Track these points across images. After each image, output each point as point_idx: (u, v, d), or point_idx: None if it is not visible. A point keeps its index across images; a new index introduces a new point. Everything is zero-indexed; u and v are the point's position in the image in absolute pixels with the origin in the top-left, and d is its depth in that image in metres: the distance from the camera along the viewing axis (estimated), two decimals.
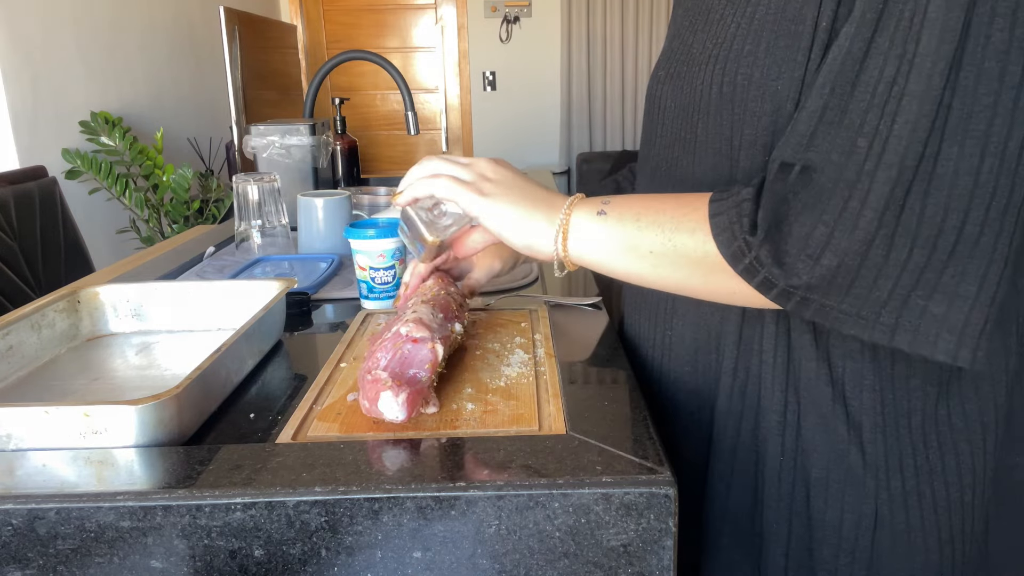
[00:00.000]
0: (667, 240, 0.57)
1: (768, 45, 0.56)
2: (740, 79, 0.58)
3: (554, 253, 0.62)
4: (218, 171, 3.13)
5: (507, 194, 0.63)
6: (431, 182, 0.64)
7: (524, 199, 0.63)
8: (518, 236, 0.62)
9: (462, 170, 0.65)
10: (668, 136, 0.68)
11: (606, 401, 0.62)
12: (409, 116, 1.72)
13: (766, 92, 0.56)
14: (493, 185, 0.64)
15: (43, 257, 1.73)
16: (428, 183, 0.65)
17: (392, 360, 0.60)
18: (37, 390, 0.70)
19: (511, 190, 0.64)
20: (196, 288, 0.84)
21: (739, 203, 0.54)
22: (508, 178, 0.65)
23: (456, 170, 0.65)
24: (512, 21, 4.42)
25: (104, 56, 2.62)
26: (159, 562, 0.50)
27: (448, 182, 0.64)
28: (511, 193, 0.63)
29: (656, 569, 0.50)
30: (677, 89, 0.66)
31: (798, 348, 0.60)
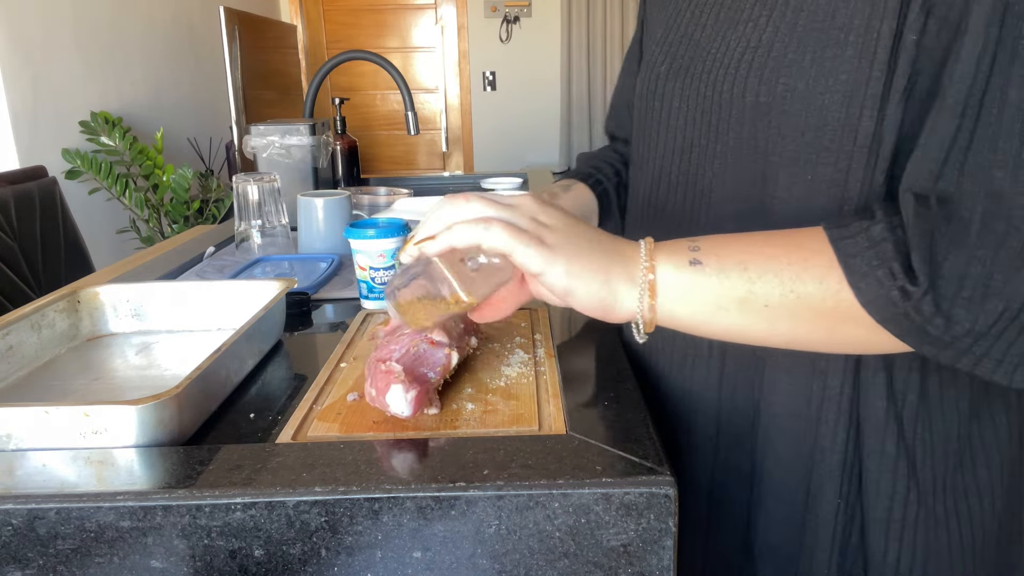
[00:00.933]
0: (788, 291, 0.49)
1: (814, 55, 0.52)
2: (781, 89, 0.54)
3: (637, 315, 0.52)
4: (218, 171, 3.13)
5: (572, 245, 0.51)
6: (479, 229, 0.51)
7: (593, 251, 0.51)
8: (590, 298, 0.51)
9: (513, 214, 0.52)
10: (679, 140, 0.64)
11: (606, 401, 0.62)
12: (409, 116, 1.72)
13: (811, 105, 0.52)
14: (554, 234, 0.51)
15: (43, 257, 1.73)
16: (475, 230, 0.51)
17: (406, 355, 0.60)
18: (37, 390, 0.69)
19: (575, 239, 0.51)
20: (196, 288, 0.84)
21: (875, 243, 0.47)
22: (567, 224, 0.52)
23: (508, 214, 0.52)
24: (512, 21, 4.42)
25: (104, 56, 2.62)
26: (159, 562, 0.50)
27: (502, 231, 0.50)
28: (576, 243, 0.51)
29: (656, 569, 0.50)
30: (689, 89, 0.62)
31: (869, 386, 0.56)
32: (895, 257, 0.46)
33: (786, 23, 0.54)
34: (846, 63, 0.51)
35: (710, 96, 0.59)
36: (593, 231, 0.53)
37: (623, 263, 0.52)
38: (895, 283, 0.46)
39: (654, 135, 0.67)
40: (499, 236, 0.50)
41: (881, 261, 0.46)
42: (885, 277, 0.46)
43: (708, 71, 0.60)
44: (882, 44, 0.49)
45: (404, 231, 0.90)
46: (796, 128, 0.53)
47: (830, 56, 0.51)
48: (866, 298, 0.47)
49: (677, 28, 0.65)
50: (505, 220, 0.51)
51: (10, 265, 1.61)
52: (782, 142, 0.54)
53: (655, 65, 0.67)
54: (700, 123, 0.61)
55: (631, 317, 0.52)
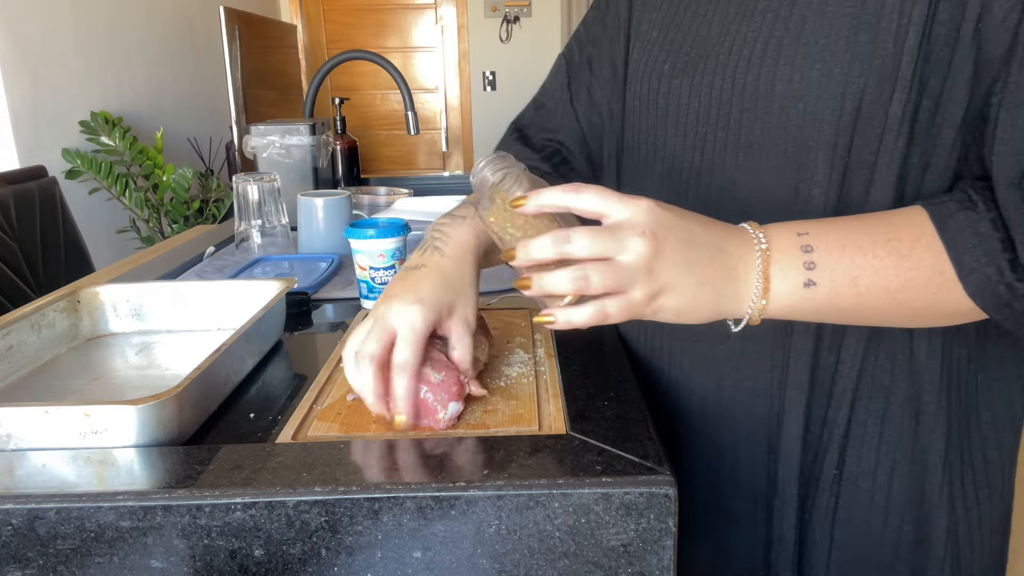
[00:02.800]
0: (893, 299, 0.51)
1: (848, 39, 0.53)
2: (816, 75, 0.54)
3: (743, 323, 0.52)
4: (218, 171, 3.13)
5: (682, 280, 0.48)
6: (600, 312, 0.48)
7: (704, 281, 0.49)
8: (699, 320, 0.51)
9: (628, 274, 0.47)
10: (690, 136, 0.64)
11: (606, 401, 0.62)
12: (409, 116, 1.72)
13: (847, 90, 0.53)
14: (664, 277, 0.48)
15: (43, 257, 1.73)
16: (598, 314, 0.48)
17: None
18: (37, 390, 0.69)
19: (687, 268, 0.48)
20: (196, 288, 0.84)
21: (983, 239, 0.49)
22: (681, 246, 0.48)
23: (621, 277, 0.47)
24: (512, 21, 4.42)
25: (104, 56, 2.62)
26: (159, 562, 0.50)
27: (621, 306, 0.48)
28: (687, 273, 0.48)
29: (656, 569, 0.50)
30: (699, 84, 0.62)
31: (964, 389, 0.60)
32: (1002, 255, 0.49)
33: (813, 10, 0.55)
34: (879, 46, 0.52)
35: (728, 89, 0.60)
36: (704, 238, 0.50)
37: (734, 285, 0.50)
38: (1003, 279, 0.49)
39: (660, 133, 0.67)
40: (621, 313, 0.49)
41: (989, 258, 0.49)
42: (993, 274, 0.49)
43: (723, 65, 0.60)
44: (913, 29, 0.51)
45: (404, 231, 0.90)
46: (833, 112, 0.54)
47: (864, 40, 0.53)
48: (974, 291, 0.50)
49: (677, 27, 0.65)
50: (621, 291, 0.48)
51: (10, 265, 1.61)
52: (819, 127, 0.55)
53: (656, 65, 0.67)
54: (716, 117, 0.61)
55: None
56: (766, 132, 0.58)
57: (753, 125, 0.59)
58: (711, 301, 0.50)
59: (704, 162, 0.63)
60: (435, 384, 0.57)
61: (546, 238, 0.48)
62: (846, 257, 0.50)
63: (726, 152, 0.61)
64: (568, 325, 0.49)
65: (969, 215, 0.50)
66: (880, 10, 0.52)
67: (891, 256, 0.50)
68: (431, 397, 0.57)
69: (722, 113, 0.61)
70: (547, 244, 0.48)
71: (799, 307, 0.51)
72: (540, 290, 0.49)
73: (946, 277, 0.50)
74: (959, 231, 0.50)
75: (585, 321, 0.49)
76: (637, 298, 0.48)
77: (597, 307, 0.48)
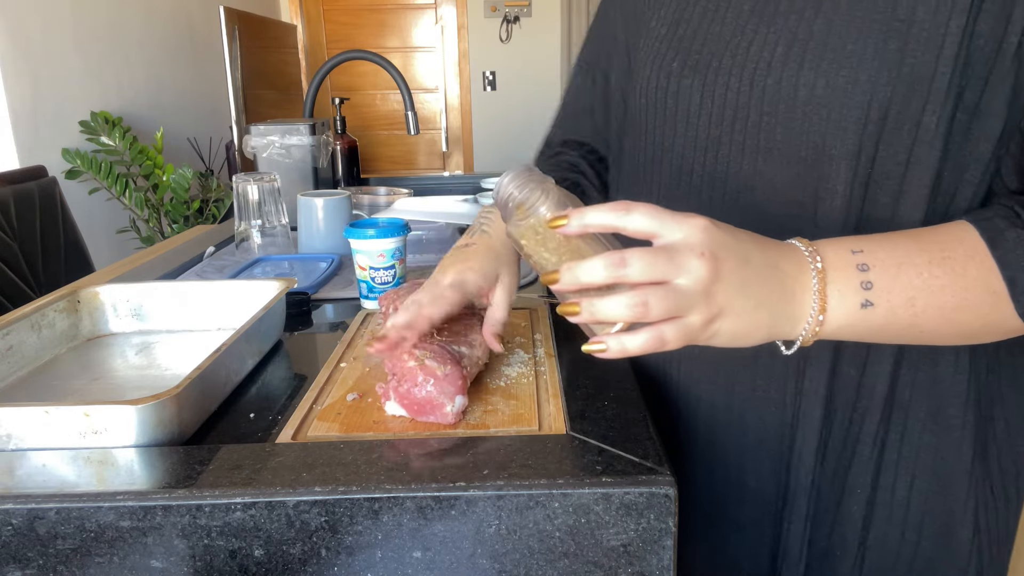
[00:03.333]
0: (947, 320, 0.50)
1: (876, 46, 0.52)
2: (842, 81, 0.53)
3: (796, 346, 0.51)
4: (218, 171, 3.13)
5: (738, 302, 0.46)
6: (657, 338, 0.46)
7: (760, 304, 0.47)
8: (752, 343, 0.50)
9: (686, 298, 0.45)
10: (700, 137, 0.62)
11: (606, 401, 0.62)
12: (409, 116, 1.72)
13: (874, 98, 0.52)
14: (723, 295, 0.46)
15: (43, 257, 1.73)
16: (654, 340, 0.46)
17: None
18: (37, 390, 0.69)
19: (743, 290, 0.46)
20: (196, 288, 0.84)
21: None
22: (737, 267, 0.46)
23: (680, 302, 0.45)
24: (512, 21, 4.42)
25: (104, 56, 2.62)
26: (159, 562, 0.50)
27: (679, 332, 0.46)
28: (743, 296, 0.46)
29: (656, 569, 0.50)
30: (712, 84, 0.61)
31: None
32: None
33: (841, 15, 0.54)
34: (909, 55, 0.51)
35: (746, 91, 0.58)
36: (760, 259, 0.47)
37: (790, 306, 0.48)
38: None
39: (669, 133, 0.66)
40: (677, 339, 0.46)
41: None
42: None
43: (740, 66, 0.58)
44: (950, 40, 0.50)
45: (404, 231, 0.90)
46: (858, 121, 0.53)
47: (894, 48, 0.51)
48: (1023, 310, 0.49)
49: (687, 23, 0.64)
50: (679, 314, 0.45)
51: (10, 265, 1.61)
52: (842, 135, 0.54)
53: (664, 62, 0.65)
54: (733, 120, 0.60)
55: None
56: (787, 137, 0.57)
57: (774, 130, 0.57)
58: (766, 323, 0.48)
59: (718, 165, 0.61)
60: (441, 378, 0.57)
61: (597, 261, 0.45)
62: (903, 276, 0.49)
63: (743, 156, 0.60)
64: (622, 354, 0.46)
65: (1019, 232, 0.49)
66: (911, 17, 0.51)
67: (947, 276, 0.49)
68: (436, 391, 0.57)
69: (739, 116, 0.59)
70: (599, 268, 0.45)
71: (855, 328, 0.50)
72: (592, 317, 0.46)
73: (999, 297, 0.49)
74: (1012, 250, 0.49)
75: (640, 348, 0.46)
76: (695, 323, 0.45)
77: (654, 333, 0.45)
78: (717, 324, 0.46)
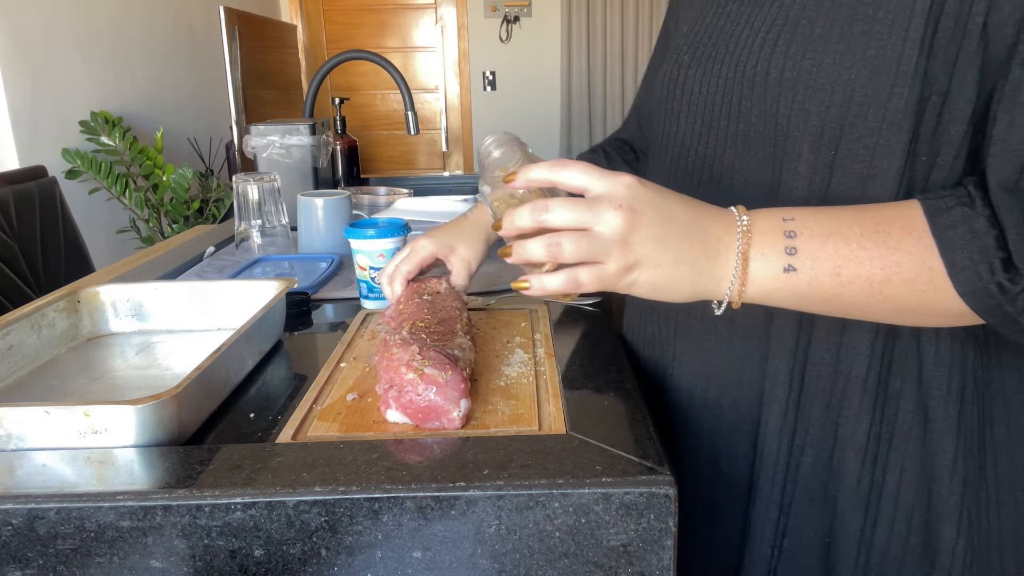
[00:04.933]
0: (877, 293, 0.50)
1: (842, 29, 0.52)
2: (807, 64, 0.54)
3: (722, 305, 0.53)
4: (218, 171, 3.13)
5: (659, 255, 0.49)
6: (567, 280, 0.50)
7: (681, 257, 0.50)
8: (674, 300, 0.52)
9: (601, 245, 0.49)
10: (696, 123, 0.64)
11: (606, 401, 0.62)
12: (409, 116, 1.72)
13: (837, 80, 0.53)
14: (643, 246, 0.49)
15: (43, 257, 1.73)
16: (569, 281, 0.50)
17: None
18: (37, 390, 0.69)
19: (664, 244, 0.49)
20: (196, 288, 0.84)
21: (978, 237, 0.48)
22: (658, 222, 0.49)
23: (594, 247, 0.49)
24: (512, 21, 4.42)
25: (104, 56, 2.62)
26: (159, 562, 0.50)
27: (594, 276, 0.49)
28: (665, 249, 0.49)
29: (656, 569, 0.50)
30: (710, 73, 0.63)
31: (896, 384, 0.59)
32: (996, 253, 0.47)
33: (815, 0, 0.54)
34: (875, 38, 0.51)
35: (731, 77, 0.60)
36: (684, 216, 0.50)
37: (712, 264, 0.50)
38: (993, 278, 0.48)
39: (673, 122, 0.68)
40: (591, 281, 0.50)
41: (982, 255, 0.48)
42: (985, 272, 0.48)
43: (731, 53, 0.60)
44: (915, 22, 0.50)
45: (404, 231, 0.90)
46: (821, 103, 0.54)
47: (859, 31, 0.52)
48: (964, 289, 0.48)
49: (703, 20, 0.66)
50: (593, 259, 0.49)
51: (10, 265, 1.61)
52: (806, 117, 0.55)
53: (679, 55, 0.68)
54: (721, 105, 0.61)
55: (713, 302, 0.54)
56: (761, 121, 0.58)
57: (750, 113, 0.59)
58: (689, 279, 0.50)
59: (708, 150, 0.63)
60: (443, 384, 0.57)
61: (526, 208, 0.50)
62: (829, 245, 0.50)
63: (727, 140, 0.61)
64: (542, 291, 0.51)
65: (965, 211, 0.49)
66: (878, 1, 0.51)
67: (877, 248, 0.49)
68: (441, 398, 0.57)
69: (725, 101, 0.61)
70: (526, 213, 0.50)
71: (779, 293, 0.51)
72: (519, 257, 0.51)
73: (935, 274, 0.49)
74: (952, 226, 0.48)
75: (557, 288, 0.50)
76: (610, 270, 0.49)
77: (569, 275, 0.50)
78: (635, 274, 0.50)
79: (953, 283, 0.49)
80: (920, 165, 0.53)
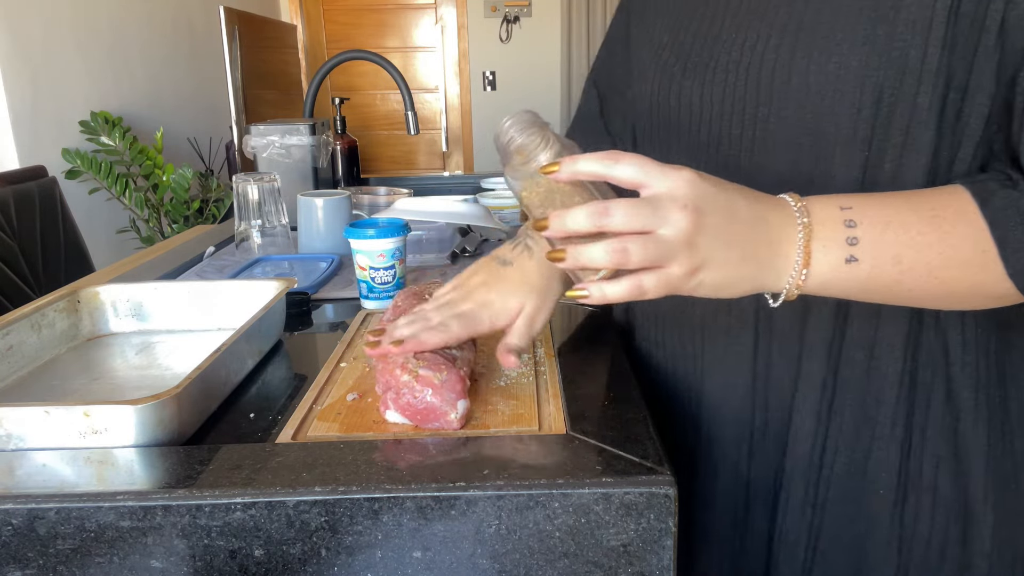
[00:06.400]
0: (934, 278, 0.50)
1: (866, 32, 0.53)
2: (832, 67, 0.54)
3: (781, 298, 0.51)
4: (218, 171, 3.13)
5: (722, 254, 0.48)
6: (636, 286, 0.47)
7: (745, 255, 0.48)
8: (737, 295, 0.51)
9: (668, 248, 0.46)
10: (704, 134, 0.63)
11: (606, 401, 0.62)
12: (409, 116, 1.72)
13: (866, 83, 0.53)
14: (704, 252, 0.47)
15: (43, 257, 1.73)
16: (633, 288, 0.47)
17: None
18: (37, 390, 0.69)
19: (726, 242, 0.48)
20: (196, 288, 0.84)
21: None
22: (719, 226, 0.47)
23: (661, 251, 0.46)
24: (512, 21, 4.42)
25: (104, 56, 2.62)
26: (159, 562, 0.50)
27: (660, 281, 0.47)
28: (727, 248, 0.48)
29: (656, 569, 0.50)
30: (710, 83, 0.61)
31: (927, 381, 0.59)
32: None
33: (830, 4, 0.54)
34: (898, 39, 0.52)
35: (742, 85, 0.59)
36: (747, 211, 0.48)
37: (775, 257, 0.49)
38: None
39: (674, 133, 0.66)
40: (657, 287, 0.48)
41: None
42: None
43: (735, 62, 0.59)
44: (937, 21, 0.50)
45: (404, 231, 0.90)
46: (852, 106, 0.54)
47: (882, 33, 0.52)
48: (1015, 269, 0.49)
49: (686, 30, 0.65)
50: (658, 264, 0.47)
51: (10, 265, 1.61)
52: (836, 120, 0.55)
53: (668, 67, 0.66)
54: (731, 113, 0.60)
55: None
56: (782, 127, 0.57)
57: (768, 120, 0.58)
58: (751, 275, 0.49)
59: (720, 158, 0.62)
60: (439, 386, 0.57)
61: (582, 210, 0.46)
62: (890, 233, 0.49)
63: (741, 148, 0.60)
64: (603, 300, 0.48)
65: (1010, 193, 0.49)
66: (899, 2, 0.52)
67: (935, 233, 0.49)
68: (438, 400, 0.56)
69: (736, 109, 0.60)
70: (583, 216, 0.46)
71: (839, 284, 0.50)
72: (575, 263, 0.48)
73: (988, 256, 0.49)
74: (1002, 209, 0.49)
75: (620, 295, 0.47)
76: (676, 273, 0.47)
77: (634, 281, 0.47)
78: (700, 275, 0.48)
79: (1005, 265, 0.49)
80: (943, 161, 0.54)
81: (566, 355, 0.73)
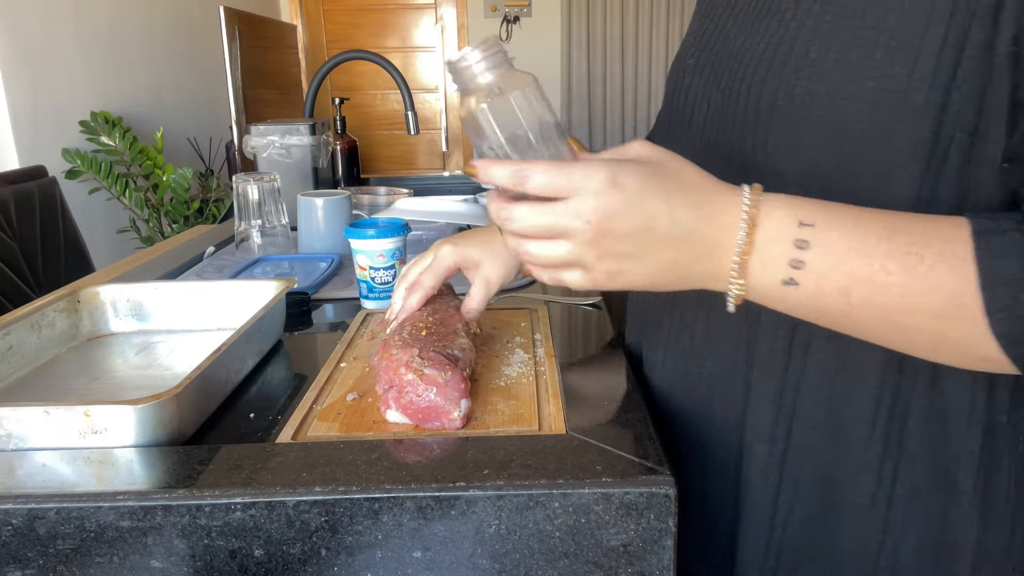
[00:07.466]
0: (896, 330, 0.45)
1: (838, 56, 0.47)
2: (799, 92, 0.49)
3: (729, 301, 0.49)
4: (218, 171, 3.13)
5: (635, 267, 0.47)
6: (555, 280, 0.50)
7: (662, 267, 0.47)
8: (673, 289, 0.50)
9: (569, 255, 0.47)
10: (696, 138, 0.60)
11: (606, 401, 0.62)
12: (409, 116, 1.72)
13: (831, 112, 0.47)
14: (612, 265, 0.47)
15: (43, 257, 1.73)
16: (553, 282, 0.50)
17: None
18: (37, 390, 0.69)
19: (637, 260, 0.47)
20: (196, 288, 0.84)
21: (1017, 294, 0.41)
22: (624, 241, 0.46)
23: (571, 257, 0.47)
24: (512, 21, 4.42)
25: (104, 56, 2.62)
26: (159, 562, 0.50)
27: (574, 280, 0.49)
28: (641, 264, 0.47)
29: (656, 569, 0.50)
30: (711, 85, 0.58)
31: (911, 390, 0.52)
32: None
33: (812, 18, 0.49)
34: (873, 67, 0.46)
35: (733, 99, 0.55)
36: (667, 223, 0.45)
37: (706, 266, 0.47)
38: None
39: (677, 131, 0.65)
40: (572, 284, 0.49)
41: None
42: None
43: (731, 69, 0.55)
44: (926, 51, 0.45)
45: (404, 231, 0.90)
46: (817, 136, 0.49)
47: (855, 59, 0.47)
48: (1001, 330, 0.42)
49: (712, 17, 0.61)
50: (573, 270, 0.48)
51: (10, 265, 1.61)
52: (798, 151, 0.50)
53: (684, 57, 0.63)
54: (719, 128, 0.57)
55: None
56: (753, 150, 0.53)
57: (744, 139, 0.54)
58: (677, 281, 0.49)
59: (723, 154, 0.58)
60: (443, 384, 0.57)
61: (505, 168, 0.46)
62: (847, 264, 0.44)
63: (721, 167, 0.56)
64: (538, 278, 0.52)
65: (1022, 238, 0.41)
66: (880, 26, 0.46)
67: (903, 273, 0.43)
68: (441, 399, 0.57)
69: (727, 125, 0.56)
70: (504, 173, 0.46)
71: (777, 303, 0.47)
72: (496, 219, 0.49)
73: (965, 312, 0.42)
74: (1001, 255, 0.41)
75: (547, 281, 0.51)
76: (591, 277, 0.48)
77: (554, 276, 0.50)
78: (619, 280, 0.48)
79: (989, 319, 0.42)
80: (940, 209, 0.47)
81: (566, 355, 0.73)
